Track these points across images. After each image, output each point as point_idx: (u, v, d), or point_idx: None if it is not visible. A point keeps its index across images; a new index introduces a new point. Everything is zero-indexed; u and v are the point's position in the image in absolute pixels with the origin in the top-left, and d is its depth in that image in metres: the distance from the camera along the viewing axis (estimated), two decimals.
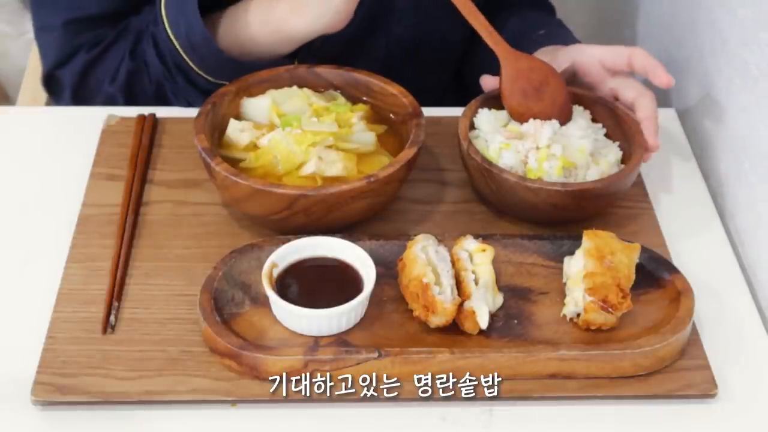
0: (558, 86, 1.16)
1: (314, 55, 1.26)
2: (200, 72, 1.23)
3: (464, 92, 1.28)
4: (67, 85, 1.31)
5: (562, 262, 1.08)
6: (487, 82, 1.22)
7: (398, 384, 0.98)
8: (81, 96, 1.32)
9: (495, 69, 1.19)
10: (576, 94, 1.20)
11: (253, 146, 1.15)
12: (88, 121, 1.28)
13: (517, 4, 1.40)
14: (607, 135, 1.19)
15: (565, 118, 1.16)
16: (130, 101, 1.31)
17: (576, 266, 1.05)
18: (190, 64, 1.22)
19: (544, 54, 1.25)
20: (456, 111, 1.20)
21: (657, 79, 1.15)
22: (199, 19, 1.18)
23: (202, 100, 1.16)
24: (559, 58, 1.22)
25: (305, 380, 0.98)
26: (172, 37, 1.21)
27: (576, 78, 1.22)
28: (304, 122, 1.15)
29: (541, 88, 1.16)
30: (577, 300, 1.02)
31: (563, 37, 1.31)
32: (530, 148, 1.13)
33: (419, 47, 1.35)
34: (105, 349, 1.01)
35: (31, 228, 1.15)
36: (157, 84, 1.28)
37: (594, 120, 1.20)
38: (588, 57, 1.19)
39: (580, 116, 1.18)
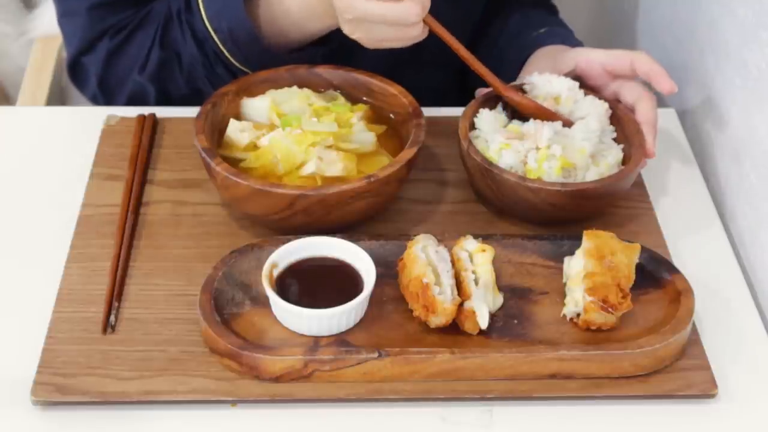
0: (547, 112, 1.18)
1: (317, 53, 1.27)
2: (240, 66, 1.23)
3: (465, 92, 1.28)
4: (92, 73, 1.31)
5: (562, 262, 1.08)
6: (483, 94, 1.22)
7: (398, 384, 0.98)
8: (107, 85, 1.31)
9: (497, 71, 1.20)
10: None
11: (253, 146, 1.15)
12: (88, 121, 1.28)
13: (520, 1, 1.40)
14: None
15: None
16: (160, 92, 1.30)
17: (576, 266, 1.05)
18: (230, 58, 1.22)
19: (546, 56, 1.25)
20: (456, 111, 1.20)
21: (659, 86, 1.15)
22: (246, 16, 1.18)
23: None
24: (562, 61, 1.22)
25: (305, 380, 0.98)
26: (211, 30, 1.20)
27: (579, 81, 1.22)
28: (304, 122, 1.15)
29: (536, 115, 1.17)
30: (577, 300, 1.02)
31: (563, 36, 1.31)
32: (530, 148, 1.13)
33: (422, 47, 1.35)
34: (105, 349, 1.01)
35: (31, 228, 1.15)
36: (189, 75, 1.28)
37: None
38: (590, 61, 1.19)
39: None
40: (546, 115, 1.17)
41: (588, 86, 1.22)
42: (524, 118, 1.20)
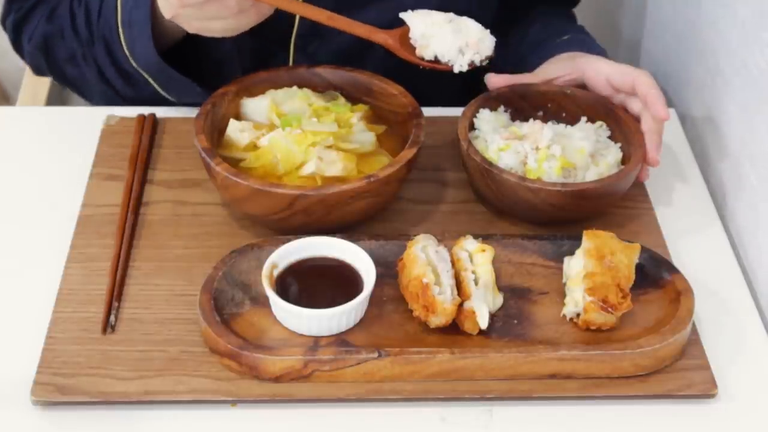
0: None
1: (317, 52, 1.26)
2: (126, 52, 1.23)
3: (465, 92, 1.28)
4: (10, 37, 1.37)
5: (562, 262, 1.08)
6: (492, 80, 1.22)
7: (398, 384, 0.98)
8: (18, 51, 1.37)
9: (499, 68, 1.20)
10: (576, 96, 1.21)
11: (253, 146, 1.15)
12: (88, 121, 1.28)
13: (540, 10, 1.41)
14: (608, 136, 1.19)
15: None
16: (51, 64, 1.33)
17: (576, 266, 1.05)
18: (121, 37, 1.22)
19: (562, 59, 1.26)
20: (456, 111, 1.20)
21: (653, 111, 1.14)
22: (149, 3, 1.17)
23: (116, 80, 1.24)
24: (572, 66, 1.22)
25: (305, 380, 0.98)
26: (119, 3, 1.21)
27: (586, 88, 1.22)
28: (304, 122, 1.15)
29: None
30: (577, 300, 1.02)
31: (588, 45, 1.31)
32: (530, 148, 1.13)
33: None
34: (105, 349, 1.01)
35: (31, 228, 1.15)
36: (71, 54, 1.30)
37: (593, 120, 1.20)
38: (597, 73, 1.20)
39: (583, 122, 1.17)
40: (405, 55, 1.14)
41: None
42: (525, 119, 1.20)
